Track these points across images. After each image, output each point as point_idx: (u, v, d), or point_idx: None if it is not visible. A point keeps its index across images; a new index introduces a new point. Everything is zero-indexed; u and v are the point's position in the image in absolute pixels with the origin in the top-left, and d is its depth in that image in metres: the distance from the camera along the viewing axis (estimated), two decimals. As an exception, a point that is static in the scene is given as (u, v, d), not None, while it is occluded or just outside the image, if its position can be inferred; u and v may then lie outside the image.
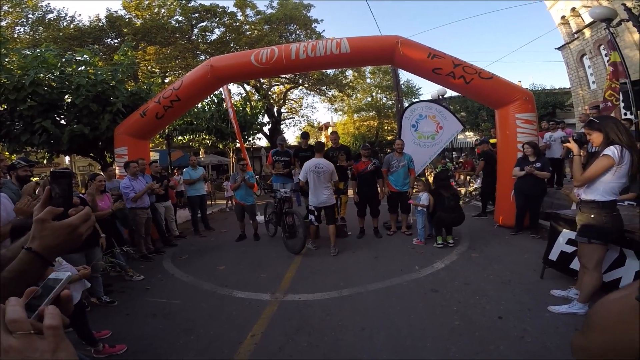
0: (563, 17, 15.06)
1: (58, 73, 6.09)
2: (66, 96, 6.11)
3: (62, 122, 6.31)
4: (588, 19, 13.17)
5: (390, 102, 24.34)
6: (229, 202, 10.41)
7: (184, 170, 7.16)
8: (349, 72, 22.09)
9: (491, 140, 7.91)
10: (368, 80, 24.74)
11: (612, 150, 2.35)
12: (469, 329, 2.66)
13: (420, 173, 6.89)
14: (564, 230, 3.23)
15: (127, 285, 4.09)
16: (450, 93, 14.19)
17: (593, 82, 14.43)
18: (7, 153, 6.44)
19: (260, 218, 6.51)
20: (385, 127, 25.47)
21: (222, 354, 2.54)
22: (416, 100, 20.56)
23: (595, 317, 0.54)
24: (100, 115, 6.10)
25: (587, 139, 2.59)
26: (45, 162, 7.78)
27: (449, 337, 2.56)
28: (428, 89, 49.47)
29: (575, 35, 14.61)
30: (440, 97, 13.41)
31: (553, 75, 63.88)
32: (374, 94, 25.10)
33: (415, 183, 5.48)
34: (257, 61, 5.76)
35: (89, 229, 0.74)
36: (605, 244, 2.57)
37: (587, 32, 13.86)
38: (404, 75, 22.33)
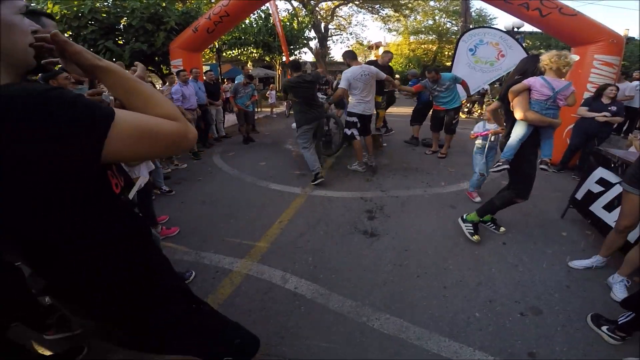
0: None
1: (111, 0, 6.71)
2: (122, 19, 6.72)
3: (121, 42, 6.96)
4: None
5: (455, 28, 21.71)
6: (273, 109, 11.71)
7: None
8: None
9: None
10: (431, 3, 21.97)
11: None
12: (470, 247, 2.80)
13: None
14: (600, 167, 3.06)
15: (182, 177, 4.80)
16: (531, 28, 12.22)
17: None
18: None
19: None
20: (446, 53, 23.13)
21: (253, 236, 3.02)
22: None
23: None
24: (155, 33, 6.68)
25: None
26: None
27: (451, 249, 2.76)
28: (503, 19, 41.96)
29: None
30: (516, 29, 11.70)
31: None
32: (437, 17, 22.34)
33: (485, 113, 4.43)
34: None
35: None
36: None
37: None
38: (476, 3, 19.46)
